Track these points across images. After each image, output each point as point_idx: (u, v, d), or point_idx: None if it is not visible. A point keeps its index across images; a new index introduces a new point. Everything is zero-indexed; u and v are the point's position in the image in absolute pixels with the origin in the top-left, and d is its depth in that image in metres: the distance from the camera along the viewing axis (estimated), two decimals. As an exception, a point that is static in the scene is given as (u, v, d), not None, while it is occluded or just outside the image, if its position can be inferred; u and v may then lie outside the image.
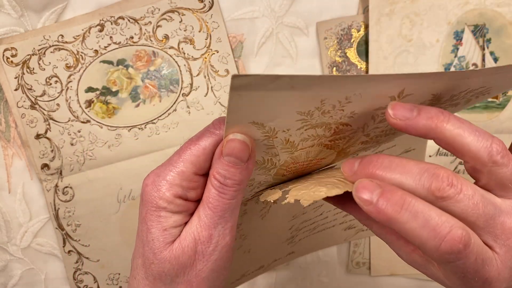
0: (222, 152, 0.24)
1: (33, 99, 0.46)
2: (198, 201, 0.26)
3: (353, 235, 0.47)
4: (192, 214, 0.26)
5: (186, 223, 0.26)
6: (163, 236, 0.25)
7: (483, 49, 0.44)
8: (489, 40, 0.44)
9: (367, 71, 0.47)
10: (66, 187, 0.48)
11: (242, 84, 0.22)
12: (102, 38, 0.46)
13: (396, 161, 0.23)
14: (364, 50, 0.47)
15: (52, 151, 0.47)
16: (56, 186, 0.48)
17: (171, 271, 0.25)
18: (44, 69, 0.46)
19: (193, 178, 0.25)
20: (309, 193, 0.26)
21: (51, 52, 0.46)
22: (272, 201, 0.28)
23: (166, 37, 0.46)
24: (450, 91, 0.26)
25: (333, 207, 0.42)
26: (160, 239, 0.25)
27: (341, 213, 0.45)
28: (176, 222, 0.25)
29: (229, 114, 0.24)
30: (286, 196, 0.27)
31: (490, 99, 0.44)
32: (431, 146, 0.47)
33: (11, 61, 0.46)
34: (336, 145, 0.28)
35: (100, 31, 0.46)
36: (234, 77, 0.21)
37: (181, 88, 0.47)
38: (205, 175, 0.26)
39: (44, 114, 0.47)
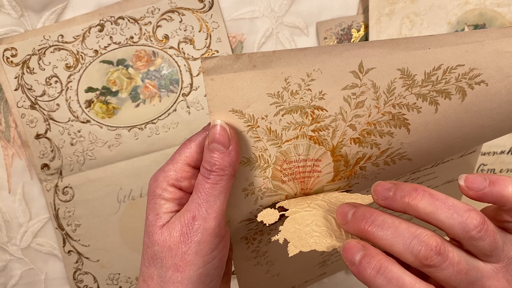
0: (208, 141, 0.26)
1: (33, 99, 0.46)
2: (191, 193, 0.27)
3: None
4: (181, 203, 0.28)
5: (178, 211, 0.27)
6: (155, 220, 0.27)
7: (483, 49, 0.44)
8: (489, 40, 0.44)
9: (367, 71, 0.47)
10: (66, 187, 0.48)
11: (210, 67, 0.24)
12: (102, 38, 0.46)
13: (388, 221, 0.24)
14: (364, 50, 0.47)
15: (52, 151, 0.47)
16: (56, 186, 0.48)
17: (160, 254, 0.26)
18: (44, 69, 0.46)
19: (185, 169, 0.28)
20: (300, 236, 0.26)
21: (51, 52, 0.46)
22: (267, 224, 0.29)
23: (166, 37, 0.46)
24: (420, 66, 0.26)
25: None
26: (153, 223, 0.27)
27: None
28: (168, 209, 0.27)
29: (209, 102, 0.26)
30: (280, 228, 0.27)
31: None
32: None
33: (11, 61, 0.46)
34: (322, 138, 0.28)
35: (100, 31, 0.46)
36: (203, 60, 0.24)
37: (181, 88, 0.47)
38: (199, 168, 0.27)
39: (44, 114, 0.47)
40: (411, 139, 0.28)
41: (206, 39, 0.46)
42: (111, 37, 0.46)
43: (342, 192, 0.31)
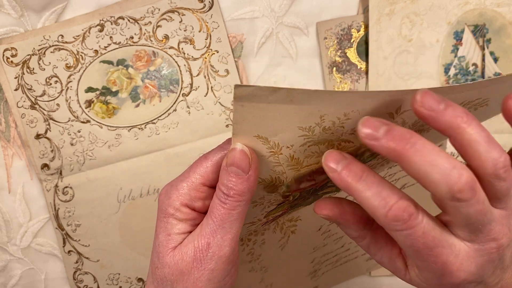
0: (226, 163, 0.25)
1: (33, 99, 0.46)
2: (205, 213, 0.26)
3: (375, 265, 0.47)
4: (195, 224, 0.27)
5: (191, 232, 0.26)
6: (167, 241, 0.26)
7: (483, 49, 0.44)
8: (489, 40, 0.44)
9: (367, 71, 0.47)
10: (66, 187, 0.48)
11: (243, 95, 0.23)
12: (102, 38, 0.46)
13: (429, 147, 0.22)
14: (364, 50, 0.47)
15: (52, 151, 0.47)
16: (56, 186, 0.48)
17: (170, 276, 0.26)
18: (44, 69, 0.46)
19: (200, 189, 0.26)
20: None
21: (51, 52, 0.46)
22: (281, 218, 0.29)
23: (166, 37, 0.46)
24: None
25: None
26: (164, 244, 0.26)
27: None
28: (181, 230, 0.26)
29: (235, 125, 0.25)
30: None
31: (490, 99, 0.44)
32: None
33: (11, 61, 0.46)
34: None
35: (100, 31, 0.46)
36: (236, 87, 0.22)
37: (181, 88, 0.47)
38: (214, 187, 0.26)
39: (44, 114, 0.47)
40: None
41: (206, 39, 0.46)
42: (111, 37, 0.46)
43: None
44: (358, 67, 0.48)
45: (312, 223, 0.38)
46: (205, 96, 0.47)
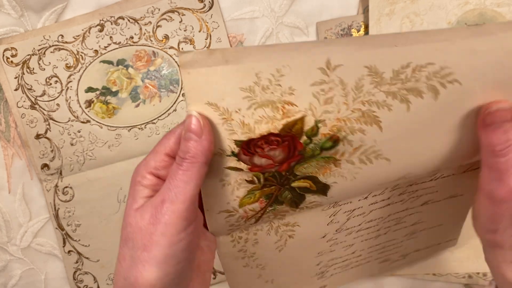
0: (183, 131, 0.28)
1: (33, 99, 0.46)
2: None
3: (389, 265, 0.46)
4: (157, 189, 0.29)
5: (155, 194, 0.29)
6: (131, 204, 0.29)
7: (483, 49, 0.44)
8: (489, 40, 0.44)
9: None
10: (66, 187, 0.48)
11: (186, 61, 0.26)
12: (102, 38, 0.46)
13: None
14: (364, 50, 0.47)
15: (52, 151, 0.47)
16: (56, 186, 0.48)
17: (132, 234, 0.28)
18: (44, 69, 0.46)
19: (164, 158, 0.29)
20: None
21: (51, 52, 0.46)
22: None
23: (166, 37, 0.46)
24: (387, 63, 0.26)
25: (367, 245, 0.41)
26: (129, 206, 0.29)
27: (377, 250, 0.43)
28: (144, 194, 0.29)
29: (186, 94, 0.27)
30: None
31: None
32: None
33: (11, 61, 0.46)
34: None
35: (100, 31, 0.46)
36: (179, 53, 0.26)
37: (181, 88, 0.47)
38: (175, 156, 0.29)
39: (44, 114, 0.47)
40: (384, 137, 0.28)
41: (206, 39, 0.46)
42: (111, 37, 0.46)
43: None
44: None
45: (314, 231, 0.37)
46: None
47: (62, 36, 0.46)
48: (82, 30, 0.46)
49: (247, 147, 0.28)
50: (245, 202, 0.31)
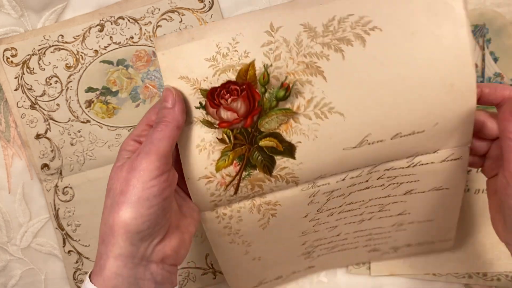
0: (160, 103, 0.33)
1: (33, 99, 0.46)
2: None
3: (379, 257, 0.47)
4: None
5: None
6: (115, 164, 0.33)
7: (483, 49, 0.44)
8: (489, 40, 0.44)
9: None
10: (66, 187, 0.48)
11: (160, 44, 0.33)
12: (102, 38, 0.46)
13: None
14: (364, 50, 0.47)
15: (52, 151, 0.47)
16: (56, 186, 0.48)
17: (113, 186, 0.32)
18: (44, 69, 0.46)
19: (145, 127, 0.34)
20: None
21: (51, 52, 0.46)
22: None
23: (166, 37, 0.46)
24: (317, 19, 0.32)
25: (352, 229, 0.43)
26: (114, 165, 0.33)
27: (363, 236, 0.43)
28: (126, 156, 0.33)
29: (162, 73, 0.33)
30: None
31: (490, 99, 0.44)
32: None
33: (11, 61, 0.46)
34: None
35: (100, 31, 0.46)
36: (155, 39, 0.33)
37: (181, 88, 0.47)
38: None
39: (44, 114, 0.47)
40: (330, 87, 0.33)
41: (206, 39, 0.46)
42: (111, 37, 0.46)
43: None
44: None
45: (296, 210, 0.38)
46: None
47: (62, 36, 0.46)
48: (82, 30, 0.46)
49: (212, 98, 0.33)
50: (220, 165, 0.35)
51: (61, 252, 0.49)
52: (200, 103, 0.33)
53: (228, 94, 0.33)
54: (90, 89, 0.47)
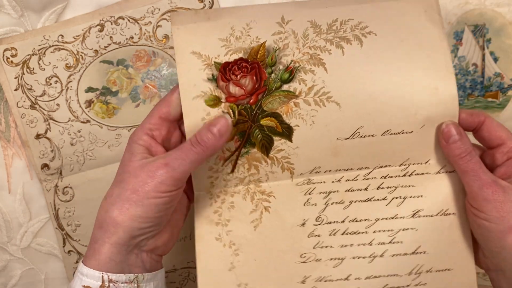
0: (209, 124, 0.34)
1: (33, 99, 0.46)
2: (160, 142, 0.36)
3: None
4: (151, 150, 0.35)
5: (148, 154, 0.35)
6: (130, 156, 0.35)
7: (483, 49, 0.44)
8: (489, 40, 0.44)
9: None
10: (66, 187, 0.48)
11: (177, 19, 0.36)
12: (102, 38, 0.46)
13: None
14: (364, 50, 0.47)
15: (52, 151, 0.47)
16: (56, 186, 0.48)
17: (126, 179, 0.34)
18: (44, 69, 0.46)
19: (157, 121, 0.36)
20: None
21: (51, 52, 0.46)
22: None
23: (166, 37, 0.46)
24: (323, 18, 0.36)
25: (364, 272, 0.37)
26: (128, 158, 0.35)
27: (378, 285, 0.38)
28: (140, 150, 0.35)
29: (175, 45, 0.36)
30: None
31: (490, 99, 0.44)
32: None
33: (11, 61, 0.46)
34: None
35: (100, 31, 0.46)
36: (172, 14, 0.37)
37: (181, 88, 0.47)
38: (167, 119, 0.36)
39: (44, 114, 0.47)
40: (330, 78, 0.36)
41: (206, 39, 0.46)
42: (111, 37, 0.46)
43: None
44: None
45: (291, 208, 0.37)
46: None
47: (62, 36, 0.46)
48: (82, 30, 0.46)
49: (224, 71, 0.36)
50: None
51: (61, 252, 0.49)
52: (212, 75, 0.36)
53: (239, 70, 0.36)
54: (90, 89, 0.47)
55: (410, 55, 0.36)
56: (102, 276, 0.33)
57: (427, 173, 0.37)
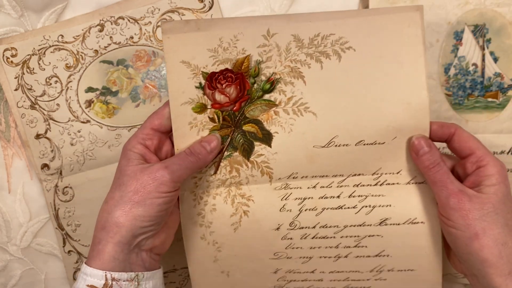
0: (203, 140, 0.38)
1: (33, 99, 0.46)
2: (152, 150, 0.39)
3: None
4: (145, 157, 0.38)
5: (143, 160, 0.38)
6: (127, 162, 0.37)
7: (483, 49, 0.44)
8: (489, 40, 0.44)
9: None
10: (66, 187, 0.48)
11: (167, 28, 0.37)
12: (102, 38, 0.46)
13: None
14: (364, 50, 0.47)
15: (52, 151, 0.47)
16: (56, 186, 0.48)
17: (127, 182, 0.36)
18: (44, 69, 0.46)
19: (149, 132, 0.39)
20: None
21: (51, 52, 0.46)
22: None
23: (166, 37, 0.46)
24: (306, 33, 0.38)
25: (328, 268, 0.41)
26: (126, 164, 0.37)
27: (340, 281, 0.42)
28: (136, 157, 0.37)
29: (165, 55, 0.38)
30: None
31: (490, 99, 0.44)
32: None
33: (11, 61, 0.46)
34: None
35: (100, 31, 0.46)
36: (162, 23, 0.38)
37: (181, 88, 0.47)
38: (158, 130, 0.39)
39: (44, 114, 0.47)
40: (308, 90, 0.38)
41: (206, 39, 0.46)
42: (111, 37, 0.46)
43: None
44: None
45: (268, 213, 0.41)
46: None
47: (62, 36, 0.46)
48: (82, 30, 0.46)
49: (210, 80, 0.39)
50: None
51: (61, 252, 0.49)
52: (200, 83, 0.39)
53: (224, 80, 0.38)
54: (90, 89, 0.47)
55: (386, 71, 0.38)
56: (106, 275, 0.35)
57: (397, 183, 0.39)
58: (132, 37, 0.46)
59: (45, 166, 0.48)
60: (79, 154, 0.47)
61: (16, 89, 0.46)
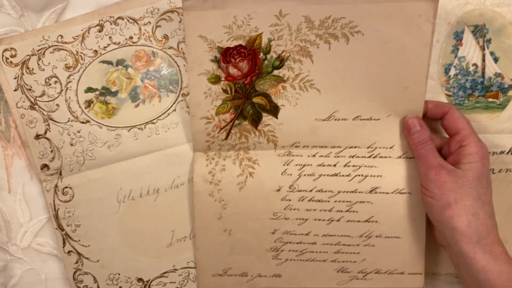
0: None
1: (32, 100, 0.46)
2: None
3: (347, 282, 0.46)
4: None
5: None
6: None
7: (483, 49, 0.44)
8: (489, 40, 0.43)
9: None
10: (66, 187, 0.48)
11: (188, 5, 0.41)
12: (102, 38, 0.46)
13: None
14: (364, 50, 0.47)
15: (51, 151, 0.47)
16: (56, 186, 0.48)
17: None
18: (44, 69, 0.46)
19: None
20: None
21: (50, 52, 0.46)
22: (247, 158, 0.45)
23: (166, 37, 0.46)
24: (317, 15, 0.40)
25: (321, 231, 0.45)
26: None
27: (332, 245, 0.45)
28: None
29: (186, 30, 0.42)
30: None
31: (490, 100, 0.44)
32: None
33: (11, 62, 0.46)
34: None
35: (100, 31, 0.46)
36: (184, 0, 0.41)
37: (181, 88, 0.47)
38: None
39: (44, 115, 0.47)
40: (315, 68, 0.42)
41: (205, 39, 0.46)
42: (110, 37, 0.46)
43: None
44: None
45: (270, 176, 0.45)
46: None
47: (62, 36, 0.46)
48: (82, 30, 0.46)
49: (225, 55, 0.42)
50: (220, 111, 0.44)
51: (61, 252, 0.49)
52: (215, 57, 0.42)
53: (238, 55, 0.42)
54: (89, 89, 0.47)
55: (390, 57, 0.41)
56: None
57: (390, 156, 0.44)
58: (131, 37, 0.46)
59: (45, 166, 0.48)
60: (79, 155, 0.47)
61: (15, 90, 0.46)
